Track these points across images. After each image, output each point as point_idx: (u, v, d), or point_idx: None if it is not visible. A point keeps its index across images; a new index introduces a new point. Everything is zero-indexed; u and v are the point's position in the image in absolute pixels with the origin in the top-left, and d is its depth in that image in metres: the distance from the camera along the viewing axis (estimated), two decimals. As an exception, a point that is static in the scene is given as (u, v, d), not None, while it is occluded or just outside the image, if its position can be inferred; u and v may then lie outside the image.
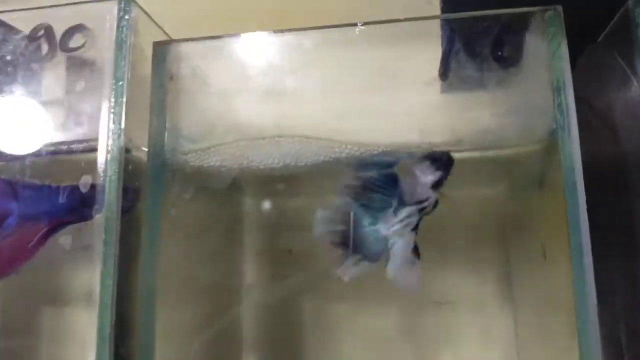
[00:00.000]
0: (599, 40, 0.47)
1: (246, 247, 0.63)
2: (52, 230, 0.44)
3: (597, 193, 0.41)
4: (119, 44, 0.45)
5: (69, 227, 0.44)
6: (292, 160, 0.44)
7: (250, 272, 0.63)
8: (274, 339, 0.63)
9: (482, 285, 0.61)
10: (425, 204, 0.44)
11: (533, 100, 0.42)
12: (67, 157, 0.46)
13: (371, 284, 0.65)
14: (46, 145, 0.46)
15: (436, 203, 0.44)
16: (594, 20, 0.45)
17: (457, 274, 0.62)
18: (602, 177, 0.44)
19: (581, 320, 0.39)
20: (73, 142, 0.45)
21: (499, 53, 0.43)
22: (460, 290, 0.62)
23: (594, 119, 0.45)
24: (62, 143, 0.46)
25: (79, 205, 0.44)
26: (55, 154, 0.45)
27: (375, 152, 0.44)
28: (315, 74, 0.45)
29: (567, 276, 0.44)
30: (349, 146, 0.44)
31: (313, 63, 0.46)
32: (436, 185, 0.43)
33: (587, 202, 0.40)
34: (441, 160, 0.42)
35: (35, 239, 0.43)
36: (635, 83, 0.41)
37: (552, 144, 0.42)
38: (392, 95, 0.45)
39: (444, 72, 0.43)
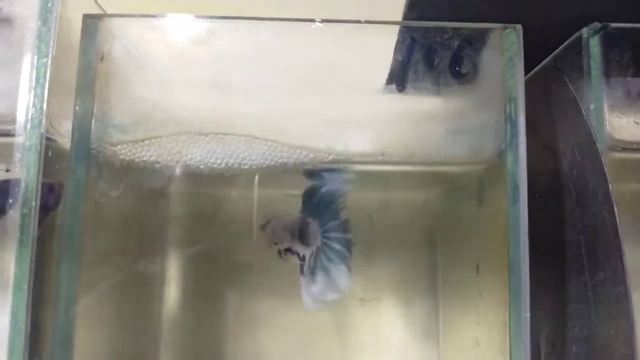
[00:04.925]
0: (545, 61, 0.48)
1: (169, 237, 0.59)
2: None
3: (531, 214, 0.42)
4: (44, 13, 0.40)
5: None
6: (237, 161, 0.41)
7: (173, 265, 0.60)
8: (193, 333, 0.61)
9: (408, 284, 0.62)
10: None
11: (486, 119, 0.42)
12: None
13: (295, 279, 0.64)
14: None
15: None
16: (544, 43, 0.46)
17: (383, 272, 0.63)
18: (537, 199, 0.45)
19: (514, 332, 0.41)
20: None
21: (457, 68, 0.42)
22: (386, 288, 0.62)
23: (536, 141, 0.45)
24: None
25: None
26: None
27: (325, 159, 0.42)
28: (266, 69, 0.42)
29: (497, 291, 0.45)
30: (297, 150, 0.42)
31: (265, 57, 0.43)
32: None
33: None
34: None
35: None
36: (582, 110, 0.42)
37: (498, 165, 0.43)
38: (346, 100, 0.43)
39: (401, 82, 0.42)
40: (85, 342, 0.43)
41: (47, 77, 0.39)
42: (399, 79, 0.42)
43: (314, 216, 0.51)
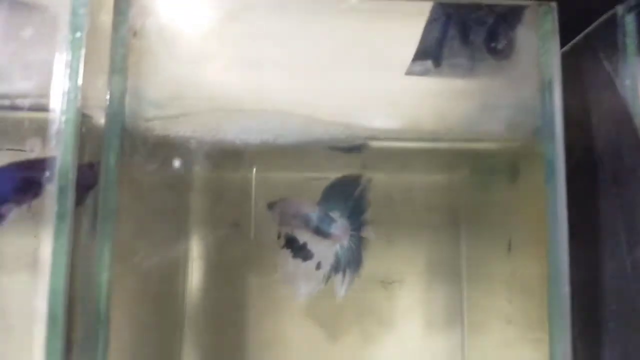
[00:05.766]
0: (577, 39, 0.47)
1: (192, 218, 0.59)
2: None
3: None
4: (78, -13, 0.39)
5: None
6: (272, 137, 0.41)
7: (196, 246, 0.60)
8: (215, 314, 0.61)
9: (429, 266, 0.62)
10: None
11: (521, 96, 0.42)
12: (9, 114, 0.39)
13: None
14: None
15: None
16: (576, 20, 0.46)
17: (405, 254, 0.63)
18: (571, 176, 0.45)
19: (554, 309, 0.40)
20: (17, 96, 0.39)
21: (492, 44, 0.42)
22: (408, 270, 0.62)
23: (567, 118, 0.45)
24: (4, 96, 0.39)
25: (24, 185, 0.38)
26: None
27: (359, 135, 0.42)
28: (299, 45, 0.42)
29: (531, 268, 0.45)
30: (332, 127, 0.41)
31: (298, 32, 0.42)
32: None
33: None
34: None
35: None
36: (617, 87, 0.41)
37: (533, 143, 0.42)
38: (381, 76, 0.42)
39: (437, 57, 0.41)
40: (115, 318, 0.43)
41: (82, 51, 0.39)
42: (434, 54, 0.41)
43: (333, 211, 0.52)
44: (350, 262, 0.52)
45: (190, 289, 0.60)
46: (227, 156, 0.53)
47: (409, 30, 0.44)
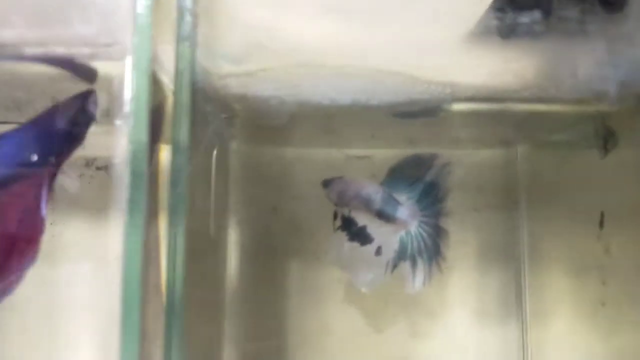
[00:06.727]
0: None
1: (231, 198, 0.54)
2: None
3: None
4: None
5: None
6: (364, 96, 0.36)
7: (234, 230, 0.55)
8: (255, 300, 0.56)
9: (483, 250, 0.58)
10: None
11: (633, 52, 0.39)
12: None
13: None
14: (32, 46, 0.32)
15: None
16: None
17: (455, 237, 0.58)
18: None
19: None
20: (75, 43, 0.33)
21: (605, -4, 0.38)
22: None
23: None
24: (58, 42, 0.32)
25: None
26: (49, 62, 0.32)
27: (462, 95, 0.37)
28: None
29: (632, 244, 0.42)
30: (432, 86, 0.37)
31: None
32: None
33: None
34: None
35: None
36: None
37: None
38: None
39: (546, 8, 0.37)
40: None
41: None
42: (543, 4, 0.37)
43: (399, 193, 0.48)
44: (422, 252, 0.47)
45: (230, 275, 0.55)
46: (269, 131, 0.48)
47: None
